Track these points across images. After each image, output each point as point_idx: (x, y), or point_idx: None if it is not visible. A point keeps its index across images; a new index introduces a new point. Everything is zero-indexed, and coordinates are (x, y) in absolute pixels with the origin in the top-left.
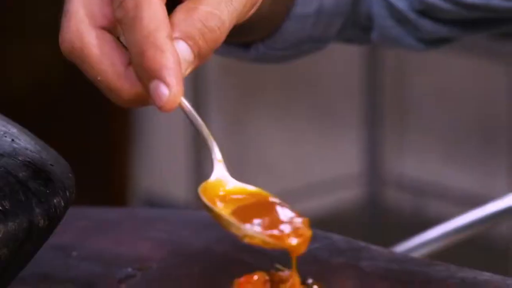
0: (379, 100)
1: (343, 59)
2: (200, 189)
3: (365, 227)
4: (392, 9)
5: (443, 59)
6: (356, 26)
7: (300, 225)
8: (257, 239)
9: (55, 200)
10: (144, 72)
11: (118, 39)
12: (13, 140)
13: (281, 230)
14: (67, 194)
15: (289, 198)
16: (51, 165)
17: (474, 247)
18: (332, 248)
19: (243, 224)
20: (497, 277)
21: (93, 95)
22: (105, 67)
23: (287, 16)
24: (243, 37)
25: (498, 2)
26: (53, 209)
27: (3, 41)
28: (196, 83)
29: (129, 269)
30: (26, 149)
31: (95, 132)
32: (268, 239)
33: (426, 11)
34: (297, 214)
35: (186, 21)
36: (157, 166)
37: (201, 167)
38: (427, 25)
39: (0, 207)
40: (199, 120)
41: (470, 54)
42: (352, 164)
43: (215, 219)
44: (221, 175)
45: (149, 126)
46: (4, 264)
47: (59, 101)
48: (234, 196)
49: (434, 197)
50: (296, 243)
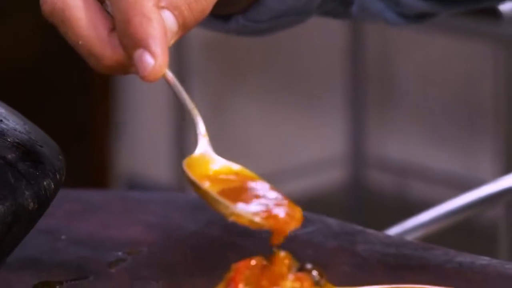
0: (362, 82)
1: (326, 40)
2: (185, 164)
3: (348, 209)
4: None
5: (427, 40)
6: (336, 0)
7: (287, 206)
8: (244, 219)
9: (45, 182)
10: (129, 40)
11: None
12: (1, 120)
13: (268, 211)
14: (57, 176)
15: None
16: (40, 146)
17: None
18: (327, 232)
19: (231, 203)
20: (495, 262)
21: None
22: (87, 31)
23: None
24: (224, 9)
25: None
26: (43, 192)
27: None
28: (178, 64)
29: (119, 253)
30: (14, 130)
31: (75, 113)
32: (256, 219)
33: None
34: (284, 197)
35: None
36: (139, 148)
37: (184, 149)
38: None
39: None
40: (183, 93)
41: (455, 35)
42: (335, 146)
43: (200, 196)
44: (205, 150)
45: (131, 107)
46: None
47: (39, 81)
48: (221, 176)
49: (417, 178)
50: (284, 224)
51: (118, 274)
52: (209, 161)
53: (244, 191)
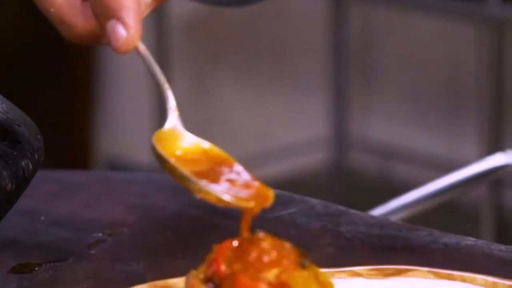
0: (344, 63)
1: (308, 21)
2: (154, 138)
3: (331, 191)
4: None
5: (410, 21)
6: None
7: (257, 187)
8: (212, 196)
9: (23, 163)
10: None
11: None
12: None
13: (237, 190)
14: (36, 156)
15: (254, 162)
16: (18, 126)
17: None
18: (310, 212)
19: (199, 179)
20: (481, 242)
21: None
22: None
23: None
24: None
25: None
26: (21, 172)
27: None
28: (159, 47)
29: (100, 234)
30: None
31: (55, 93)
32: (224, 197)
33: None
34: (254, 178)
35: None
36: (121, 130)
37: None
38: None
39: None
40: (155, 66)
41: (438, 16)
42: (318, 128)
43: (168, 172)
44: (174, 125)
45: (112, 88)
46: None
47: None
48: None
49: (400, 160)
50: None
51: (99, 255)
52: (178, 136)
53: (214, 172)
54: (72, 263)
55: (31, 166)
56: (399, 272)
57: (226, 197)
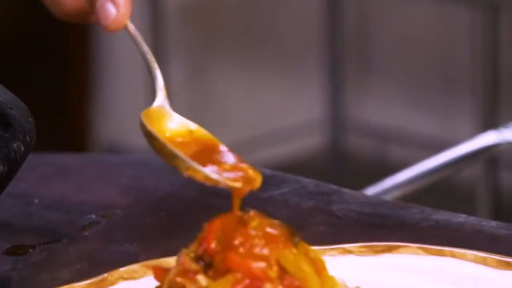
0: (340, 46)
1: (303, 6)
2: (143, 116)
3: (328, 174)
4: None
5: (404, 4)
6: None
7: (244, 168)
8: (201, 174)
9: (14, 145)
10: None
11: None
12: None
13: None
14: (27, 138)
15: (251, 146)
16: (9, 108)
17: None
18: (302, 192)
19: (188, 157)
20: (471, 219)
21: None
22: None
23: None
24: None
25: None
26: (12, 154)
27: None
28: (155, 32)
29: (93, 216)
30: None
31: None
32: (212, 175)
33: None
34: (242, 160)
35: None
36: (118, 113)
37: None
38: None
39: None
40: (144, 46)
41: None
42: (314, 111)
43: (156, 150)
44: (162, 104)
45: (108, 72)
46: None
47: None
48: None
49: (397, 142)
50: (238, 184)
51: (92, 236)
52: (166, 116)
53: (202, 154)
54: (65, 245)
55: (22, 148)
56: (389, 249)
57: (213, 176)
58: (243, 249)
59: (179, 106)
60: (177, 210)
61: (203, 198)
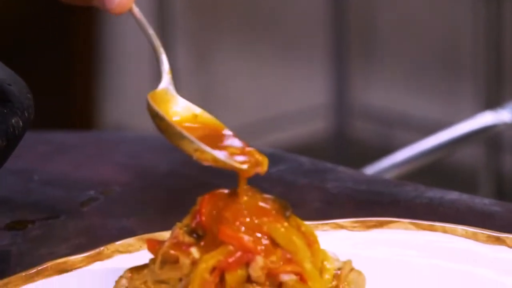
0: (345, 31)
1: None
2: (149, 97)
3: (331, 158)
4: None
5: None
6: None
7: (251, 151)
8: (208, 155)
9: (13, 120)
10: None
11: None
12: None
13: (232, 153)
14: (26, 114)
15: (255, 131)
16: (8, 84)
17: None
18: (298, 169)
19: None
20: (464, 196)
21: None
22: None
23: None
24: None
25: None
26: (11, 129)
27: None
28: (161, 17)
29: (92, 192)
30: None
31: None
32: (220, 156)
33: None
34: (246, 144)
35: None
36: (124, 96)
37: None
38: None
39: None
40: (150, 29)
41: None
42: (319, 96)
43: (162, 131)
44: (167, 87)
45: (115, 55)
46: None
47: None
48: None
49: (401, 127)
50: (246, 164)
51: (90, 212)
52: (171, 99)
53: (208, 138)
54: (64, 220)
55: (21, 124)
56: (381, 224)
57: (221, 157)
58: (235, 223)
59: (183, 91)
60: (175, 187)
61: (201, 175)
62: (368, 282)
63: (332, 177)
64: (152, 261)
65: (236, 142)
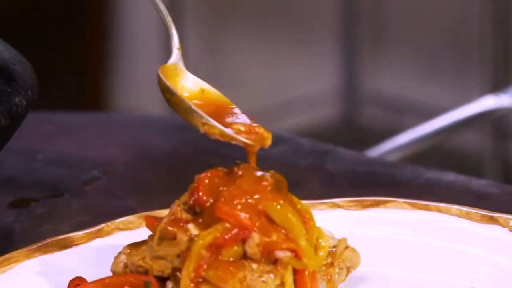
0: (355, 17)
1: None
2: (159, 71)
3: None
4: None
5: None
6: None
7: (256, 127)
8: (216, 129)
9: (16, 99)
10: None
11: None
12: None
13: (238, 127)
14: (29, 93)
15: (265, 117)
16: (13, 64)
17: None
18: (298, 150)
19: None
20: (462, 178)
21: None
22: None
23: None
24: None
25: None
26: (14, 108)
27: None
28: (173, 3)
29: (95, 172)
30: None
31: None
32: (227, 131)
33: None
34: (252, 120)
35: None
36: (134, 83)
37: None
38: None
39: None
40: (161, 5)
41: None
42: (329, 82)
43: (171, 105)
44: (177, 62)
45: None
46: None
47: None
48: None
49: (410, 113)
50: (253, 139)
51: (93, 191)
52: (180, 73)
53: (216, 114)
54: (67, 199)
55: (24, 103)
56: (377, 204)
57: (228, 131)
58: (232, 200)
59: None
60: (177, 168)
61: (203, 156)
62: (362, 260)
63: (331, 158)
64: (150, 237)
65: (243, 117)
